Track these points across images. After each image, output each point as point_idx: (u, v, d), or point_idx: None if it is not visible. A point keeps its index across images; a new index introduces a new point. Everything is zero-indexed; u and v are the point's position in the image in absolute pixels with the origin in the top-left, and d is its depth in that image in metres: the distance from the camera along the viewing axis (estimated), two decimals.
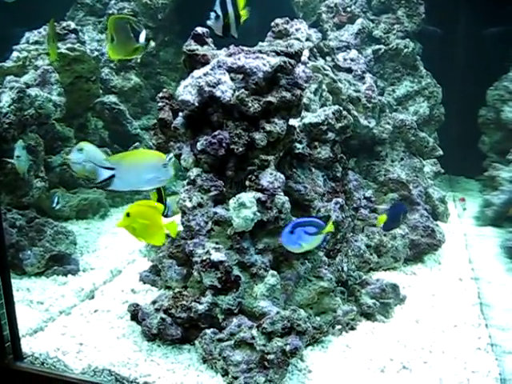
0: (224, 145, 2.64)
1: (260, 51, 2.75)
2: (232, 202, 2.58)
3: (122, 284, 3.39)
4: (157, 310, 2.67)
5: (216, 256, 2.56)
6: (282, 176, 2.69)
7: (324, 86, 3.72)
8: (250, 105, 2.62)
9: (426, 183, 4.44)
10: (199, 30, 2.95)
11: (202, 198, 2.69)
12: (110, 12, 5.40)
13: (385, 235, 3.80)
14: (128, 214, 2.39)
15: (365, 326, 2.97)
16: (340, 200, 3.10)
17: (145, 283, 3.37)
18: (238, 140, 2.62)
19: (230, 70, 2.69)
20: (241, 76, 2.68)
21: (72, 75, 4.40)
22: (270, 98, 2.65)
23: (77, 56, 4.28)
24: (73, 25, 4.40)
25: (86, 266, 3.57)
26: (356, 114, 3.96)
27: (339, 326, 2.86)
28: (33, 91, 3.75)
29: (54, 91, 3.92)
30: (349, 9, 5.30)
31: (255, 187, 2.62)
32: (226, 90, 2.63)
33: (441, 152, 4.66)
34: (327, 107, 3.31)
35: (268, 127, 2.65)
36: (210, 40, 2.98)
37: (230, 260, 2.58)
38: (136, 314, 2.73)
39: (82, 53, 4.32)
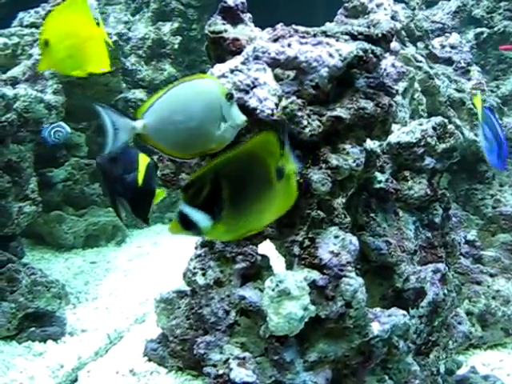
0: None
1: (325, 33, 1.68)
2: (269, 287, 1.54)
3: (120, 358, 2.41)
4: None
5: (239, 374, 1.54)
6: (356, 242, 1.63)
7: (416, 85, 2.61)
8: (304, 122, 1.57)
9: None
10: (230, 0, 1.90)
11: (222, 272, 1.67)
12: None
13: (493, 298, 2.68)
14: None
15: None
16: (441, 266, 2.00)
17: (150, 360, 2.40)
18: None
19: (275, 63, 1.64)
20: (292, 74, 1.63)
21: None
22: (338, 112, 1.59)
23: None
24: None
25: (76, 324, 2.62)
26: (459, 122, 2.84)
27: None
28: (16, 89, 2.82)
29: (49, 88, 2.97)
30: None
31: (309, 261, 1.57)
32: (267, 97, 1.58)
33: None
34: (424, 119, 2.20)
35: (334, 160, 1.59)
36: (247, 16, 1.92)
37: (262, 379, 1.56)
38: None
39: None
